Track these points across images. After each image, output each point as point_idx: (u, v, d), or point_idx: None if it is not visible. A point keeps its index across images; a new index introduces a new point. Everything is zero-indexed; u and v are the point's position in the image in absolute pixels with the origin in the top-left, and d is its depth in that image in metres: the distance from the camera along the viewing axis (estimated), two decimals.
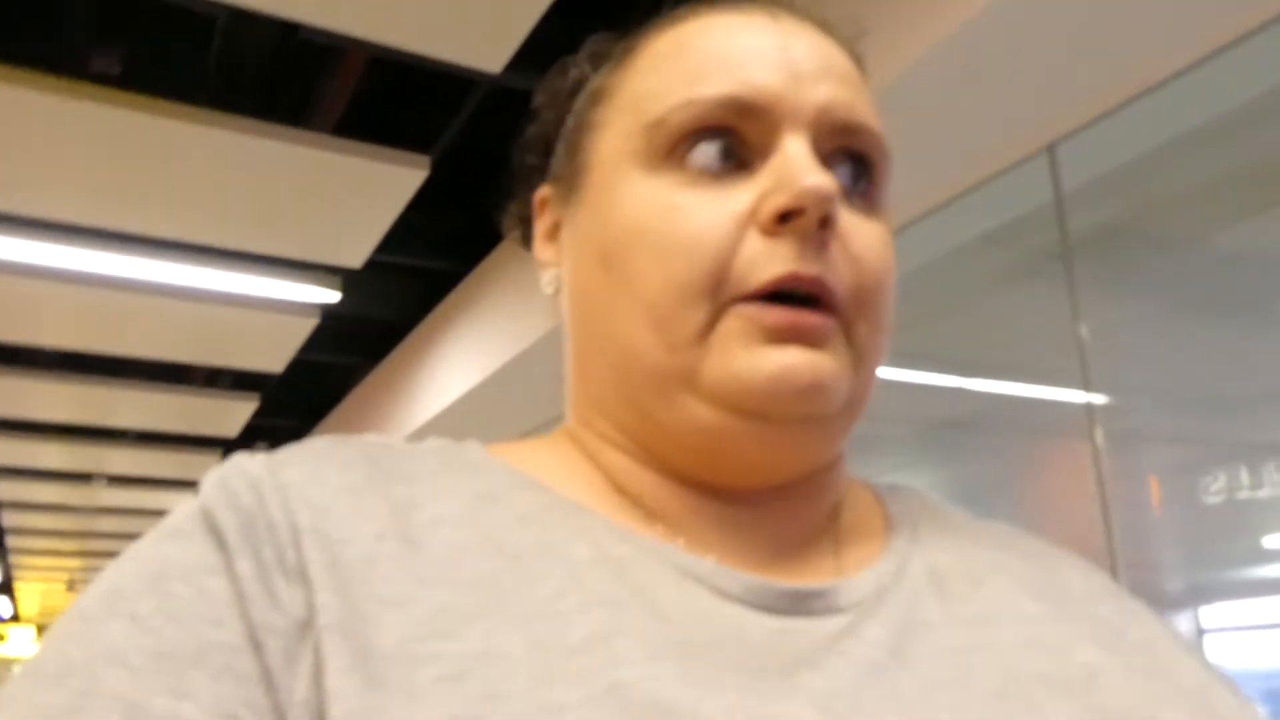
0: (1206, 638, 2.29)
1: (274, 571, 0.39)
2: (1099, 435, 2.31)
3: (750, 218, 0.45)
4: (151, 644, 0.37)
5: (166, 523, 0.43)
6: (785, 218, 0.44)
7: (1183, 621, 2.31)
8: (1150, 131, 2.19)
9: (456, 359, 4.07)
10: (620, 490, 0.49)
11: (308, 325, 4.25)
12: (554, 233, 0.55)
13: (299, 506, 0.42)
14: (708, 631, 0.41)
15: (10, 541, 10.72)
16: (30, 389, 5.34)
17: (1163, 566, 2.39)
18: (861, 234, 0.47)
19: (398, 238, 3.41)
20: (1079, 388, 2.51)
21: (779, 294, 0.44)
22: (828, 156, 0.47)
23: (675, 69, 0.48)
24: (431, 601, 0.39)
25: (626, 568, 0.43)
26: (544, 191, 0.56)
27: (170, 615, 0.38)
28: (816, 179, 0.44)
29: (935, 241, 2.67)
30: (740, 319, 0.44)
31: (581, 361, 0.52)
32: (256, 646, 0.37)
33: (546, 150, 0.56)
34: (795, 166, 0.45)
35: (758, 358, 0.44)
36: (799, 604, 0.44)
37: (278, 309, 4.01)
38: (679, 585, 0.43)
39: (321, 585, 0.39)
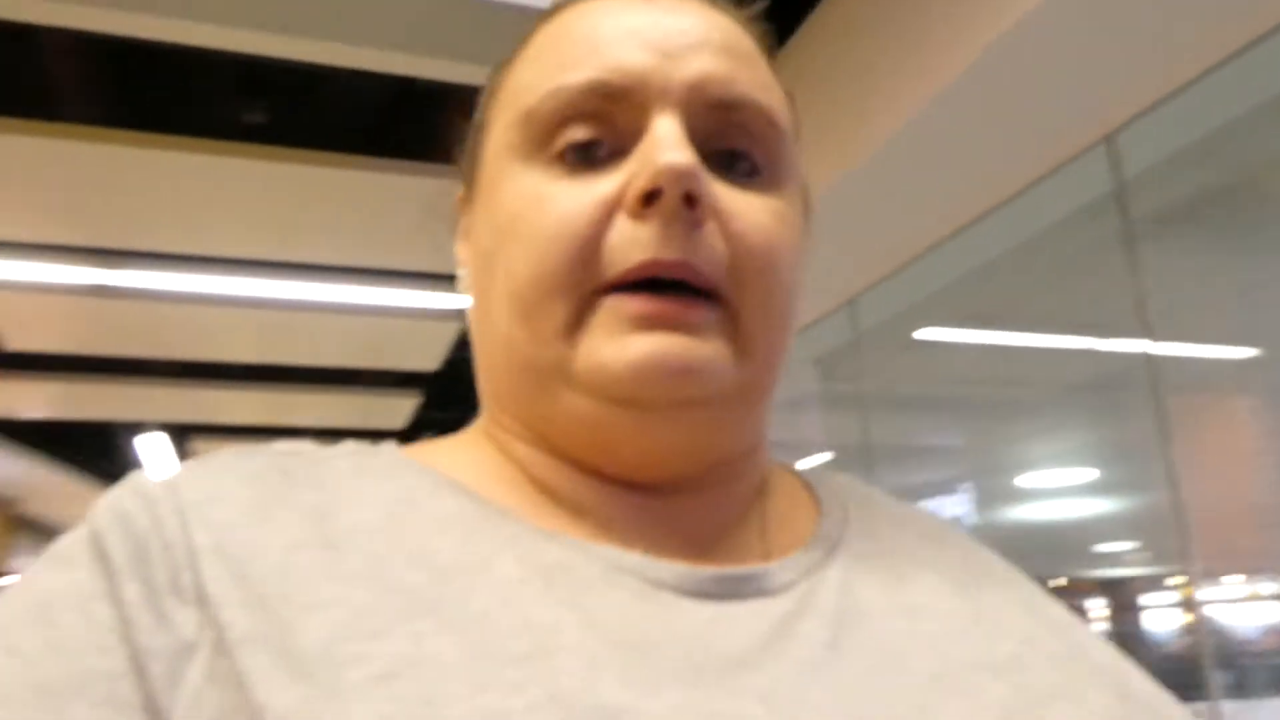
0: None
1: (165, 594, 0.38)
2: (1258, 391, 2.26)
3: (617, 203, 0.43)
4: (33, 677, 0.36)
5: (54, 549, 0.42)
6: (649, 199, 0.43)
7: None
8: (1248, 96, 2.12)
9: None
10: (539, 487, 0.47)
11: (454, 328, 4.58)
12: (467, 233, 0.53)
13: (198, 527, 0.40)
14: (643, 629, 0.40)
15: None
16: (222, 398, 5.90)
17: None
18: (745, 212, 0.45)
19: None
20: (1228, 343, 2.47)
21: (648, 281, 0.43)
22: (711, 134, 0.45)
23: (549, 59, 0.47)
24: (355, 601, 0.38)
25: (555, 578, 0.41)
26: (459, 194, 0.55)
27: (52, 646, 0.37)
28: (672, 156, 0.42)
29: (1064, 203, 2.64)
30: (605, 310, 0.43)
31: (480, 357, 0.51)
32: (139, 671, 0.36)
33: (468, 153, 0.54)
34: (656, 146, 0.43)
35: (622, 346, 0.42)
36: (729, 588, 0.43)
37: (427, 316, 4.33)
38: (609, 582, 0.42)
39: (226, 602, 0.37)
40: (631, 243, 0.43)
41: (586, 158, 0.45)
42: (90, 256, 3.64)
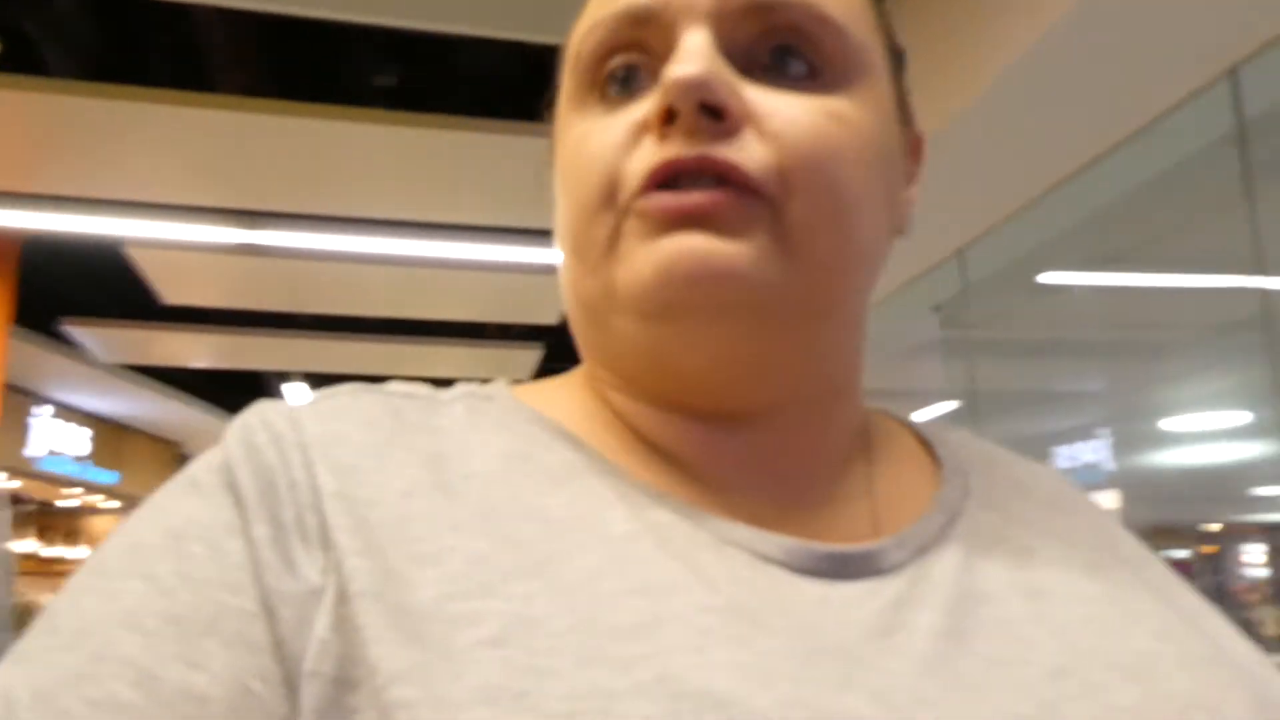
0: None
1: (292, 535, 0.38)
2: None
3: (646, 127, 0.42)
4: (166, 607, 0.36)
5: (189, 472, 0.41)
6: (670, 118, 0.41)
7: None
8: None
9: None
10: (637, 435, 0.46)
11: None
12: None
13: (322, 467, 0.40)
14: (754, 602, 0.38)
15: None
16: (360, 350, 6.23)
17: None
18: (784, 112, 0.42)
19: None
20: None
21: (674, 184, 0.41)
22: (754, 40, 0.43)
23: (591, 5, 0.47)
24: (469, 551, 0.38)
25: (667, 536, 0.41)
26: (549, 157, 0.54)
27: (186, 577, 0.37)
28: (681, 69, 0.40)
29: (1188, 141, 2.57)
30: (634, 218, 0.41)
31: (568, 307, 0.49)
32: (269, 614, 0.36)
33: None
34: (672, 62, 0.41)
35: (650, 251, 0.41)
36: (840, 566, 0.42)
37: (549, 271, 4.49)
38: (719, 552, 0.41)
39: (348, 550, 0.37)
40: (650, 154, 0.41)
41: (626, 89, 0.44)
42: (238, 217, 3.88)
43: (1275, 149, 2.36)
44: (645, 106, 0.42)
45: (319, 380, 7.01)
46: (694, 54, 0.41)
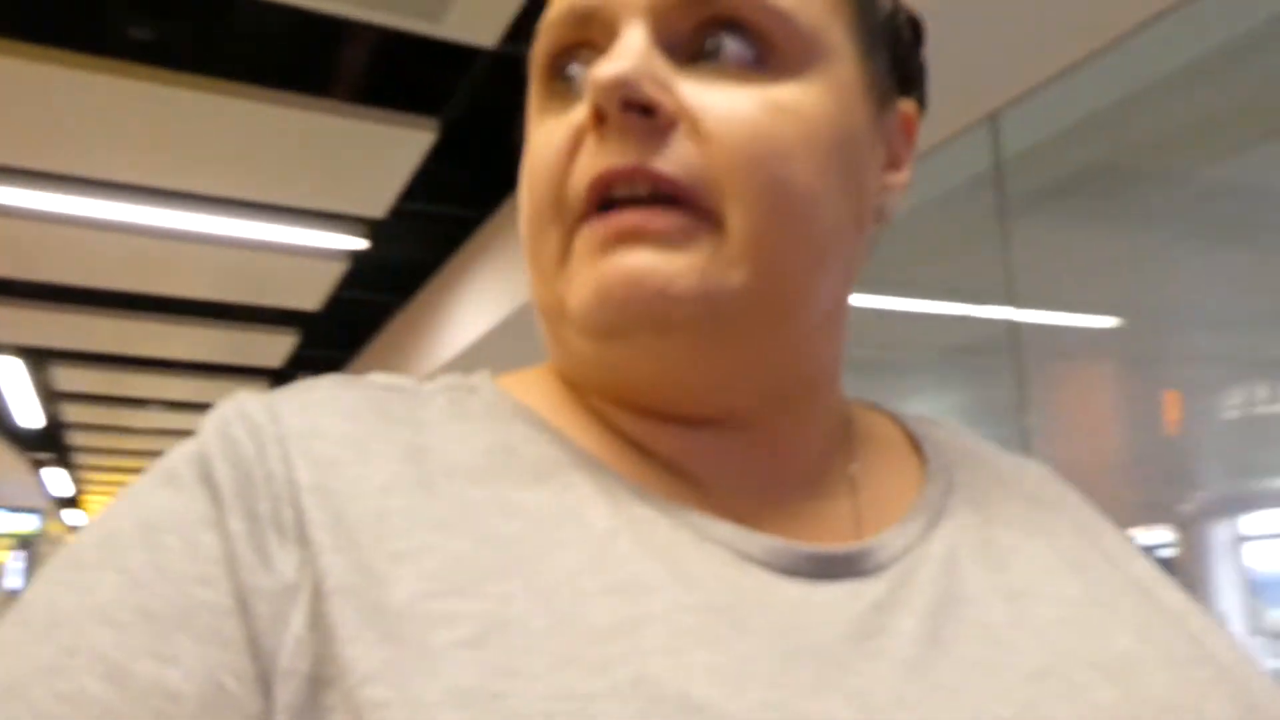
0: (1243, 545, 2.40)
1: (268, 529, 0.37)
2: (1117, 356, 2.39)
3: (583, 129, 0.42)
4: (139, 601, 0.35)
5: (165, 463, 0.41)
6: (600, 119, 0.40)
7: (1221, 530, 2.44)
8: (1122, 80, 2.25)
9: (477, 298, 4.21)
10: (612, 429, 0.45)
11: (338, 269, 4.54)
12: None
13: (300, 461, 0.39)
14: (733, 602, 0.38)
15: (79, 459, 11.32)
16: (90, 324, 5.66)
17: (1195, 479, 2.48)
18: (720, 107, 0.40)
19: (419, 190, 3.63)
20: (1092, 312, 2.61)
21: (618, 200, 0.40)
22: (693, 33, 0.42)
23: (548, 9, 0.46)
24: (447, 550, 0.37)
25: (647, 532, 0.40)
26: None
27: (160, 570, 0.36)
28: (604, 70, 0.39)
29: (946, 178, 2.75)
30: (580, 240, 0.41)
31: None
32: (244, 609, 0.35)
33: None
34: (600, 62, 0.40)
35: (591, 271, 0.40)
36: (822, 567, 0.41)
37: (311, 255, 4.27)
38: (700, 549, 0.40)
39: (324, 546, 0.36)
40: (590, 162, 0.41)
41: (565, 90, 0.44)
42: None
43: (1027, 189, 2.57)
44: (583, 109, 0.42)
45: (37, 355, 6.33)
46: (624, 51, 0.40)
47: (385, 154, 3.32)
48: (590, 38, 0.43)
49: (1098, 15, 2.05)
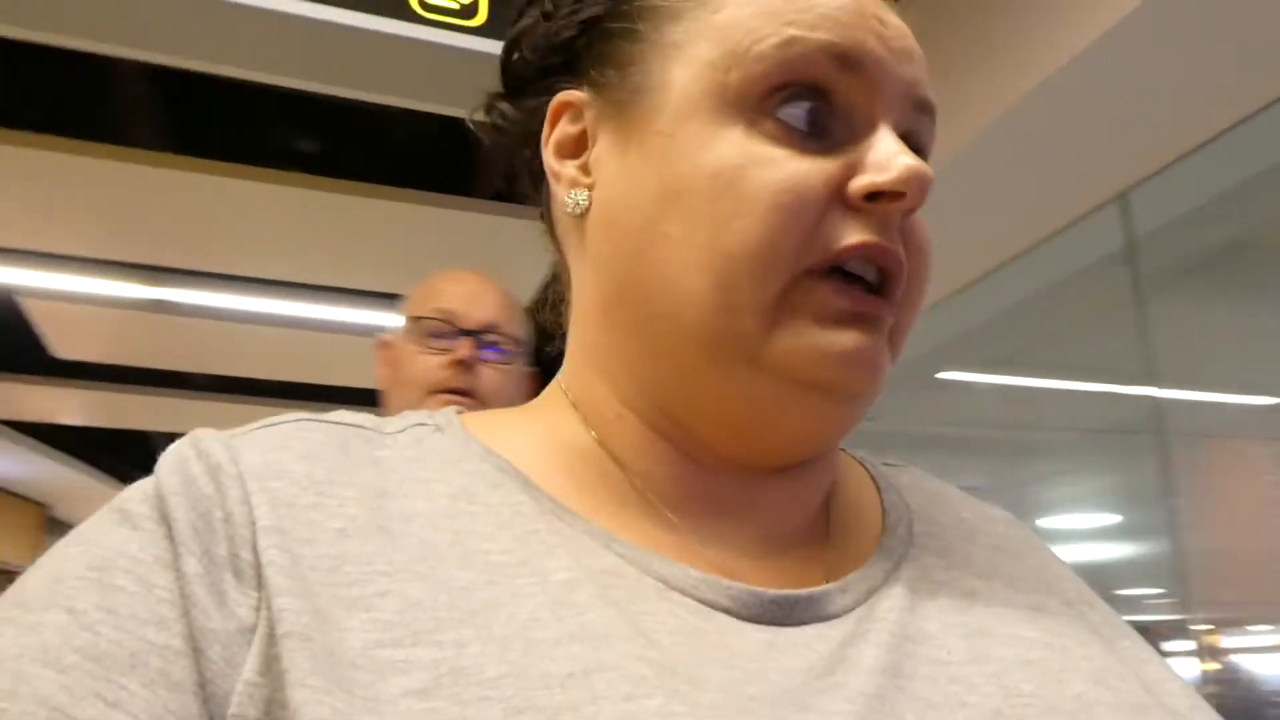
0: None
1: (225, 570, 0.37)
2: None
3: (837, 189, 0.42)
4: (87, 643, 0.34)
5: (118, 501, 0.40)
6: (874, 197, 0.42)
7: None
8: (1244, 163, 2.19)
9: None
10: (619, 465, 0.46)
11: None
12: (578, 146, 0.49)
13: (259, 501, 0.39)
14: (694, 653, 0.38)
15: None
16: (257, 414, 6.00)
17: None
18: (921, 222, 0.44)
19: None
20: (1239, 390, 2.51)
21: (846, 273, 0.42)
22: (902, 134, 0.45)
23: (768, 7, 0.43)
24: (403, 596, 0.37)
25: (610, 582, 0.40)
26: (572, 97, 0.49)
27: (110, 611, 0.35)
28: (921, 165, 0.41)
29: (1080, 256, 2.71)
30: (813, 294, 0.42)
31: (607, 308, 0.47)
32: (196, 652, 0.35)
33: (568, 49, 0.49)
34: (894, 146, 0.42)
35: (831, 338, 0.42)
36: (788, 612, 0.42)
37: None
38: (663, 599, 0.40)
39: (279, 589, 0.36)
40: (850, 228, 0.42)
41: (803, 127, 0.43)
42: (139, 272, 3.78)
43: (1161, 267, 2.51)
44: (833, 163, 0.42)
45: None
46: (904, 146, 0.43)
47: (527, 249, 3.52)
48: (834, 82, 0.43)
49: (1224, 95, 2.03)
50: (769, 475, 0.47)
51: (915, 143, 0.46)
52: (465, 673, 0.35)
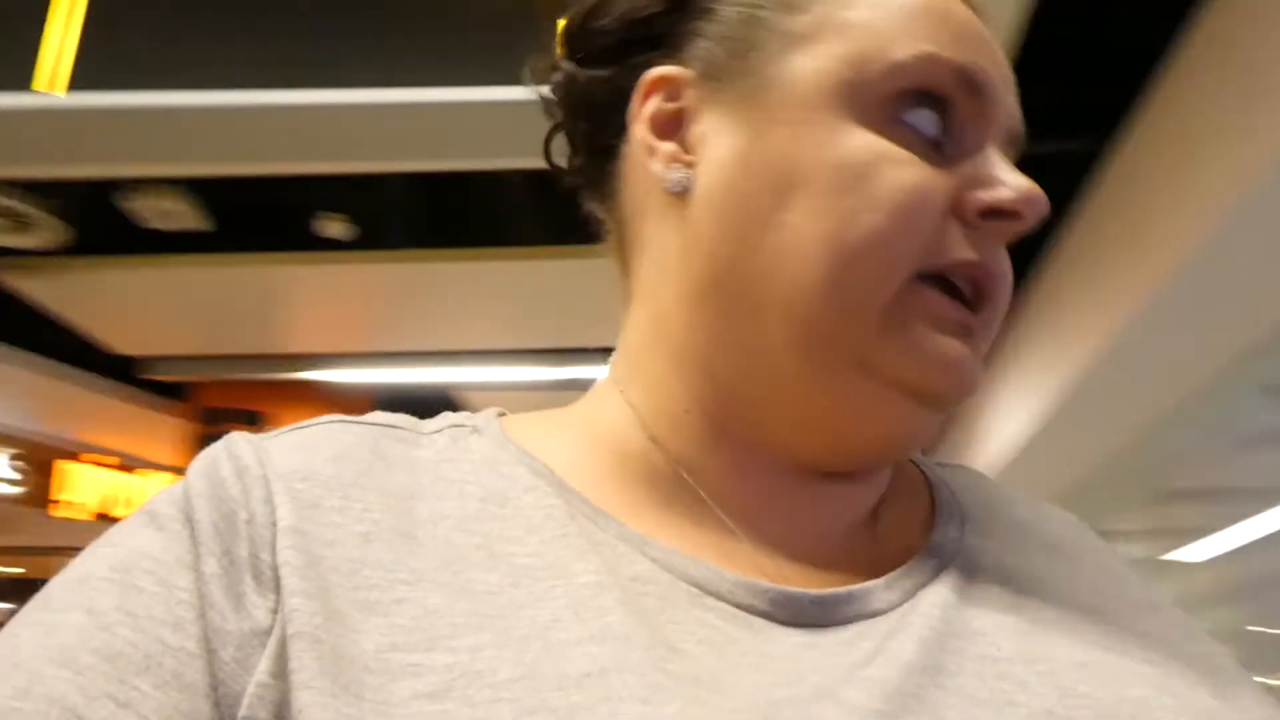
0: None
1: (244, 572, 0.37)
2: None
3: (954, 201, 0.43)
4: (104, 643, 0.35)
5: (150, 504, 0.40)
6: (989, 215, 0.43)
7: None
8: None
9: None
10: (674, 464, 0.45)
11: None
12: (674, 123, 0.47)
13: (283, 501, 0.39)
14: (723, 661, 0.37)
15: None
16: None
17: None
18: (1004, 251, 0.45)
19: None
20: None
21: (949, 284, 0.43)
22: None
23: (903, 14, 0.44)
24: (421, 604, 0.37)
25: (635, 592, 0.39)
26: (671, 73, 0.48)
27: (128, 613, 0.36)
28: (1038, 190, 0.43)
29: None
30: (926, 299, 0.42)
31: (700, 293, 0.45)
32: (210, 653, 0.35)
33: (654, 23, 0.48)
34: (1008, 168, 0.43)
35: (940, 346, 0.42)
36: (828, 612, 0.41)
37: None
38: (694, 606, 0.40)
39: (293, 589, 0.36)
40: (965, 244, 0.43)
41: (933, 134, 0.43)
42: (551, 356, 4.22)
43: None
44: (951, 176, 0.43)
45: None
46: (1015, 168, 0.44)
47: None
48: (955, 102, 0.44)
49: None
50: (834, 478, 0.46)
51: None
52: (479, 675, 0.35)
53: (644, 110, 0.48)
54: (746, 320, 0.44)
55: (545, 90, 0.53)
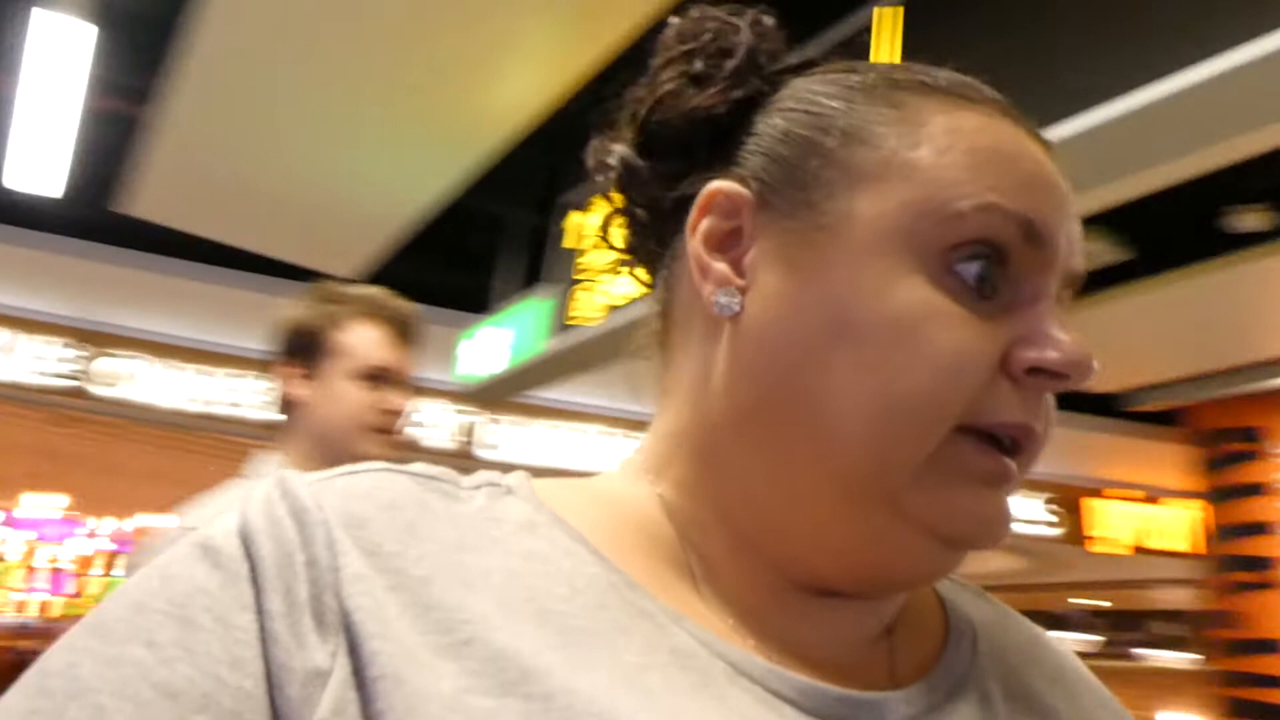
0: None
1: (304, 613, 0.38)
2: None
3: (1002, 357, 0.43)
4: (164, 679, 0.35)
5: (204, 537, 0.40)
6: (1034, 372, 0.43)
7: None
8: None
9: None
10: (704, 571, 0.46)
11: None
12: (729, 242, 0.47)
13: (345, 548, 0.39)
14: None
15: None
16: None
17: None
18: (1050, 399, 0.45)
19: None
20: None
21: (990, 436, 0.43)
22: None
23: (969, 160, 0.43)
24: (488, 644, 0.38)
25: (681, 664, 0.41)
26: (730, 190, 0.47)
27: (188, 649, 0.36)
28: (1086, 351, 0.43)
29: None
30: (961, 452, 0.42)
31: (741, 419, 0.45)
32: (273, 690, 0.36)
33: (717, 126, 0.48)
34: (1058, 326, 0.43)
35: (974, 499, 0.43)
36: (852, 711, 0.43)
37: None
38: (732, 684, 0.41)
39: (370, 634, 0.37)
40: (1011, 403, 0.43)
41: (978, 284, 0.43)
42: None
43: None
44: (998, 330, 0.43)
45: None
46: (1068, 326, 0.44)
47: None
48: (1013, 250, 0.43)
49: None
50: (854, 598, 0.47)
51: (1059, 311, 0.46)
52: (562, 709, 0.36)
53: (700, 225, 0.48)
54: (784, 454, 0.44)
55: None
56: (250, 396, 5.86)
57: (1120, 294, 3.56)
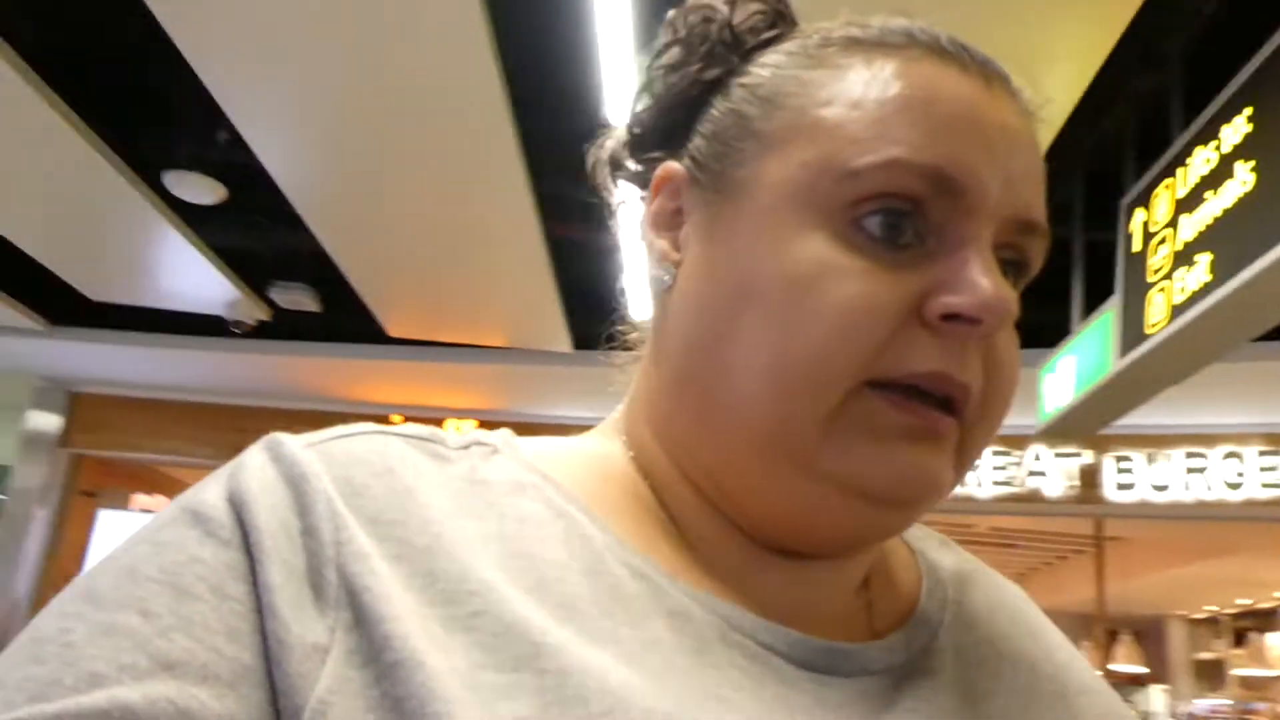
0: None
1: (302, 584, 0.37)
2: None
3: (915, 305, 0.41)
4: (159, 648, 0.34)
5: (194, 501, 0.39)
6: (950, 319, 0.41)
7: None
8: None
9: None
10: (680, 531, 0.47)
11: None
12: (674, 220, 0.49)
13: (346, 521, 0.39)
14: (743, 693, 0.40)
15: None
16: None
17: None
18: (1006, 341, 0.44)
19: None
20: None
21: (911, 388, 0.41)
22: (998, 246, 0.43)
23: (878, 113, 0.42)
24: (498, 619, 0.37)
25: (678, 627, 0.41)
26: (673, 171, 0.49)
27: (183, 619, 0.35)
28: (1003, 292, 0.41)
29: None
30: (871, 408, 0.42)
31: (674, 386, 0.47)
32: (270, 664, 0.35)
33: (680, 118, 0.50)
34: (978, 270, 0.41)
35: (887, 454, 0.42)
36: (838, 661, 0.44)
37: None
38: (724, 641, 0.42)
39: (381, 616, 0.36)
40: (924, 352, 0.42)
41: (887, 236, 0.42)
42: None
43: None
44: (915, 277, 0.42)
45: None
46: (993, 267, 0.42)
47: None
48: (929, 201, 0.42)
49: None
50: (816, 559, 0.47)
51: (1018, 257, 0.45)
52: (570, 703, 0.36)
53: (651, 206, 0.50)
54: (709, 419, 0.45)
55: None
56: None
57: None
